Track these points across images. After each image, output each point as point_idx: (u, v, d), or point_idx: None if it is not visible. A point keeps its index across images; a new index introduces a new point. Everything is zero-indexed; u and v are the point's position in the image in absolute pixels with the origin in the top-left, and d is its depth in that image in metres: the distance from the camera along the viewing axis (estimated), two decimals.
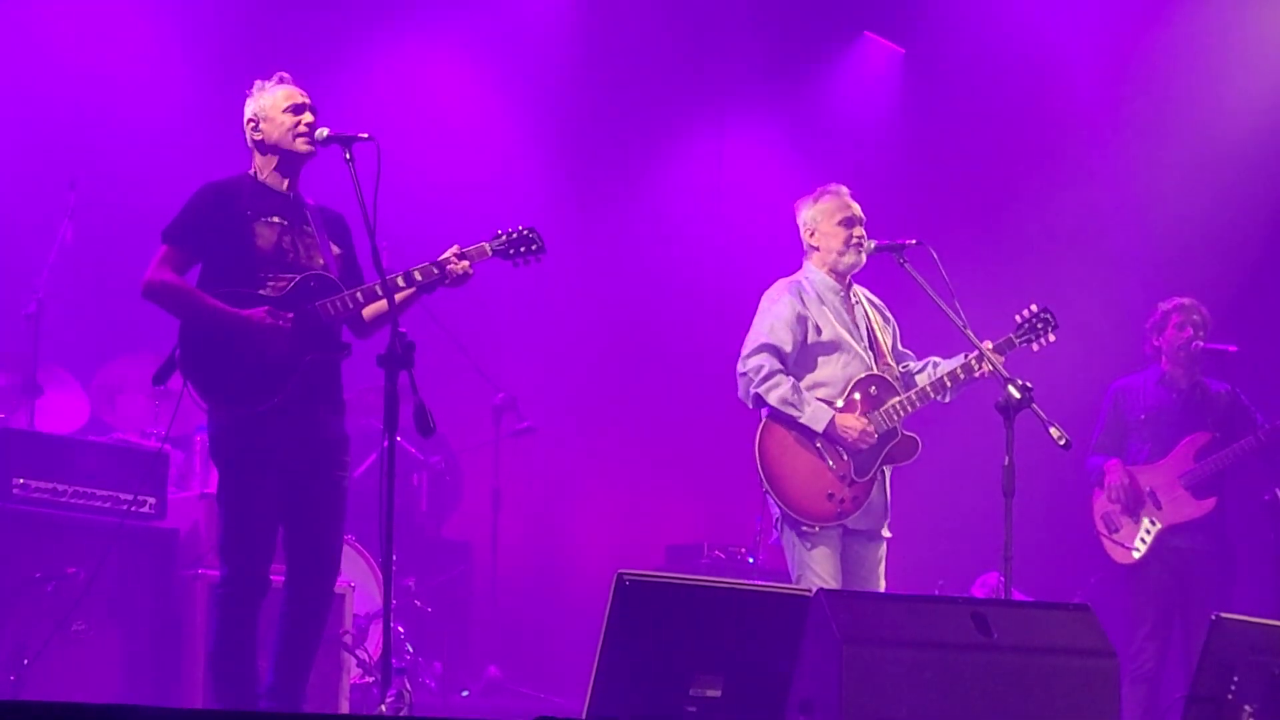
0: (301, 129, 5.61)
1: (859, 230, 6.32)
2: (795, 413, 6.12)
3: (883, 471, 6.23)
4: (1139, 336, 7.97)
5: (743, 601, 4.82)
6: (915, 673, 4.62)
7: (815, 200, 6.40)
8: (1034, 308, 6.22)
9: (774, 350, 6.20)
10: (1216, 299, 8.09)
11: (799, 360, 6.25)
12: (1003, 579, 5.43)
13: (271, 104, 5.64)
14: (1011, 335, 6.19)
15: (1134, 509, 7.62)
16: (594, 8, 10.46)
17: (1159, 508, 7.58)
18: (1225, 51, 9.59)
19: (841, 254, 6.32)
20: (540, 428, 9.28)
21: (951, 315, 5.88)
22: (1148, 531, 7.57)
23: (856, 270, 6.38)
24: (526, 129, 10.32)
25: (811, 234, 6.39)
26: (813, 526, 6.09)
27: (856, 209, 6.36)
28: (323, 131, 5.49)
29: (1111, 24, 9.99)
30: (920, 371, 6.37)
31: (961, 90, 10.50)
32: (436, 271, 5.58)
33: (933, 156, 10.62)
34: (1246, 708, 4.97)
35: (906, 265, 5.90)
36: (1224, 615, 5.15)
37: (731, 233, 10.55)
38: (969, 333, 5.92)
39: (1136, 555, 7.58)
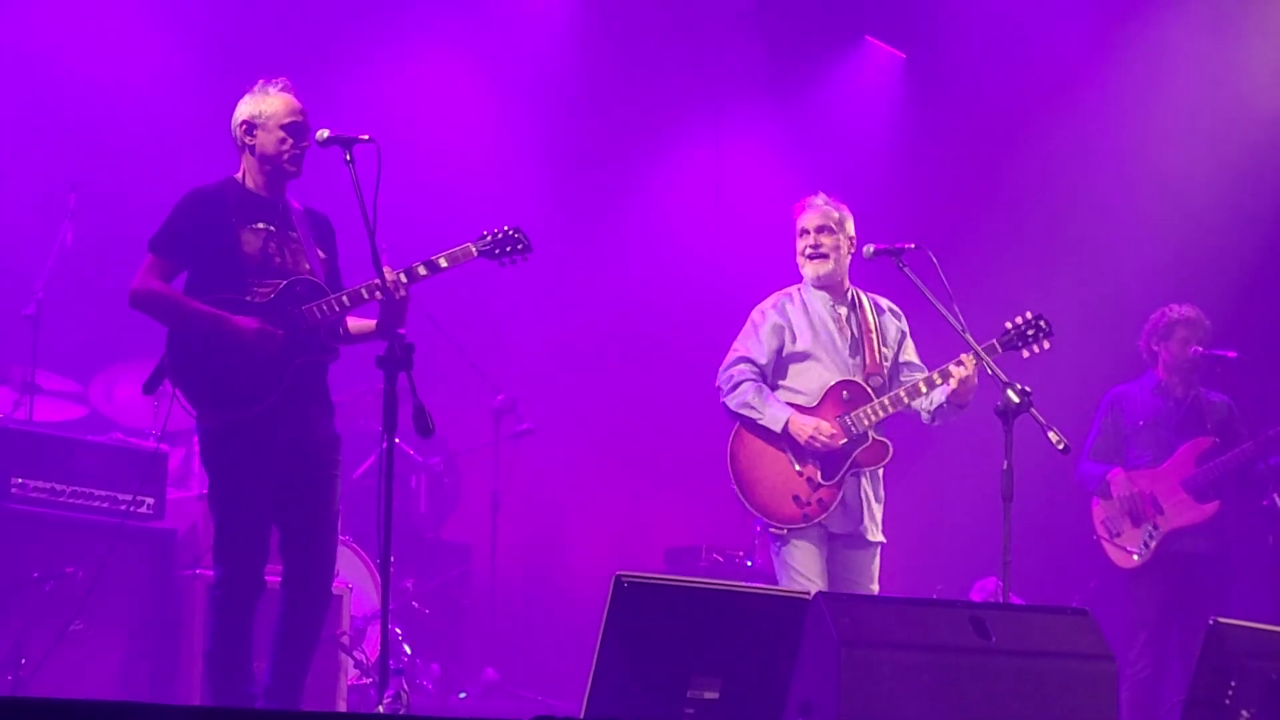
0: (296, 152, 5.62)
1: (808, 240, 6.41)
2: (755, 415, 6.28)
3: (857, 475, 6.27)
4: (1139, 335, 7.95)
5: (741, 604, 4.81)
6: (913, 676, 4.61)
7: (794, 213, 6.54)
8: (1029, 315, 6.18)
9: (748, 361, 6.37)
10: (1218, 305, 8.10)
11: (776, 368, 6.40)
12: (1001, 583, 5.43)
13: (271, 114, 5.62)
14: (995, 340, 6.15)
15: (1135, 513, 7.62)
16: (594, 11, 10.47)
17: (1161, 512, 7.57)
18: (1228, 58, 9.59)
19: (801, 266, 6.47)
20: (539, 430, 9.28)
21: (950, 319, 5.88)
22: (1150, 536, 7.56)
23: (825, 279, 6.43)
24: (526, 131, 10.32)
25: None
26: (781, 529, 6.21)
27: (812, 218, 6.43)
28: (323, 133, 5.49)
29: (1113, 28, 9.99)
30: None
31: (962, 95, 10.51)
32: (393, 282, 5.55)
33: (933, 161, 10.62)
34: (1244, 712, 4.97)
35: (906, 269, 5.91)
36: (1221, 620, 5.14)
37: (731, 236, 10.55)
38: (968, 336, 5.92)
39: (1139, 559, 7.58)
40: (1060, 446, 5.46)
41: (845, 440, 6.22)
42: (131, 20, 8.99)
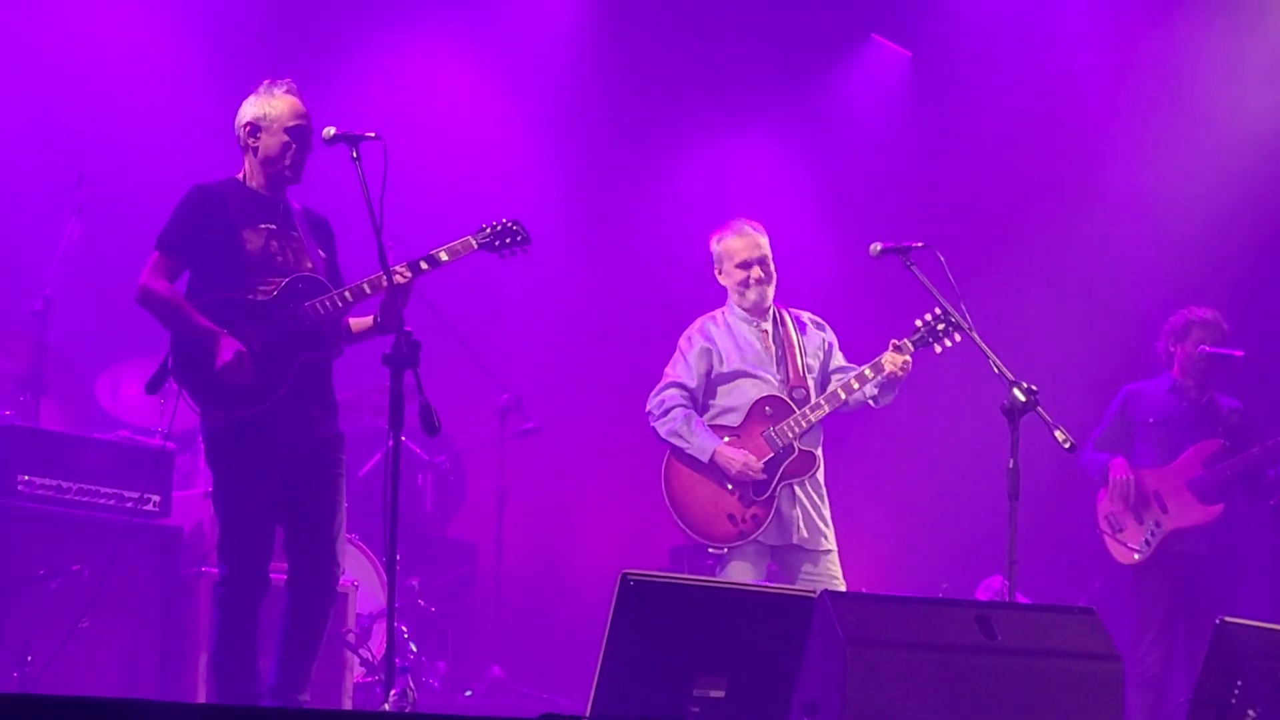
0: (298, 157, 5.63)
1: (757, 271, 6.57)
2: (683, 444, 6.44)
3: (791, 487, 6.39)
4: (1147, 340, 7.95)
5: (747, 602, 4.82)
6: (919, 675, 4.61)
7: (720, 240, 6.68)
8: (937, 310, 6.22)
9: (678, 386, 6.55)
10: (1224, 304, 8.08)
11: (707, 390, 6.57)
12: (1007, 582, 5.42)
13: (276, 117, 5.63)
14: (907, 339, 6.31)
15: (1139, 510, 7.61)
16: (601, 10, 10.46)
17: (1165, 511, 7.56)
18: (1234, 59, 9.57)
19: (741, 294, 6.60)
20: (545, 428, 9.28)
21: (957, 318, 5.89)
22: (1152, 533, 7.56)
23: (763, 305, 6.58)
24: (534, 131, 10.31)
25: (718, 272, 6.70)
26: (720, 548, 6.37)
27: (758, 248, 6.59)
28: (330, 130, 5.49)
29: (1120, 27, 9.97)
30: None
31: (968, 93, 10.49)
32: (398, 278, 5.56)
33: (939, 159, 10.60)
34: (1250, 712, 4.97)
35: (913, 268, 5.90)
36: (1228, 619, 5.14)
37: None
38: (974, 335, 5.91)
39: (1138, 557, 7.57)
40: (1066, 445, 5.44)
41: (771, 456, 6.35)
42: (139, 15, 8.99)
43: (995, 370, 5.86)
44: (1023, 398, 5.43)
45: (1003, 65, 10.24)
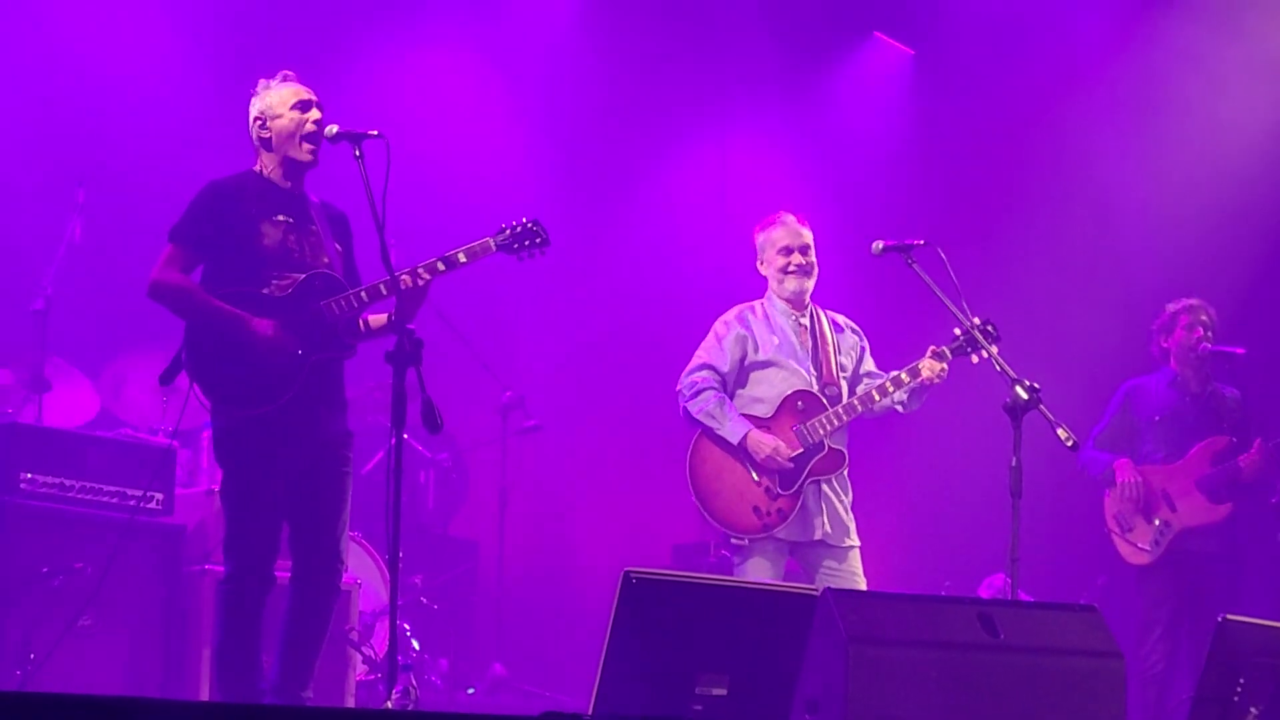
0: (309, 127, 5.63)
1: (797, 258, 6.59)
2: (715, 425, 6.42)
3: (818, 483, 6.38)
4: (1148, 338, 7.96)
5: (749, 600, 4.82)
6: (921, 673, 4.61)
7: (764, 229, 6.71)
8: (976, 320, 6.17)
9: (710, 369, 6.53)
10: (1225, 301, 8.08)
11: (738, 378, 6.54)
12: (1009, 580, 5.42)
13: (278, 101, 5.65)
14: (945, 347, 6.33)
15: (1147, 509, 7.59)
16: (603, 8, 10.46)
17: (1174, 509, 7.54)
18: (1235, 58, 9.57)
19: (781, 281, 6.61)
20: (547, 426, 9.28)
21: (959, 316, 5.90)
22: (1161, 533, 7.53)
23: (803, 294, 6.60)
24: (535, 129, 10.31)
25: (760, 263, 6.72)
26: (742, 539, 6.34)
27: (799, 237, 6.62)
28: (333, 129, 5.49)
29: (1122, 27, 9.97)
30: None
31: (971, 92, 10.49)
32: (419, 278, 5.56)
33: (942, 158, 10.61)
34: (1252, 709, 4.97)
35: (915, 266, 5.90)
36: (1230, 617, 5.13)
37: (738, 233, 10.52)
38: (977, 334, 5.92)
39: (1149, 557, 7.55)
40: (1069, 443, 5.45)
41: (801, 451, 6.33)
42: (140, 15, 8.99)
43: (998, 368, 5.87)
44: (1025, 396, 5.44)
45: (1005, 64, 10.24)
